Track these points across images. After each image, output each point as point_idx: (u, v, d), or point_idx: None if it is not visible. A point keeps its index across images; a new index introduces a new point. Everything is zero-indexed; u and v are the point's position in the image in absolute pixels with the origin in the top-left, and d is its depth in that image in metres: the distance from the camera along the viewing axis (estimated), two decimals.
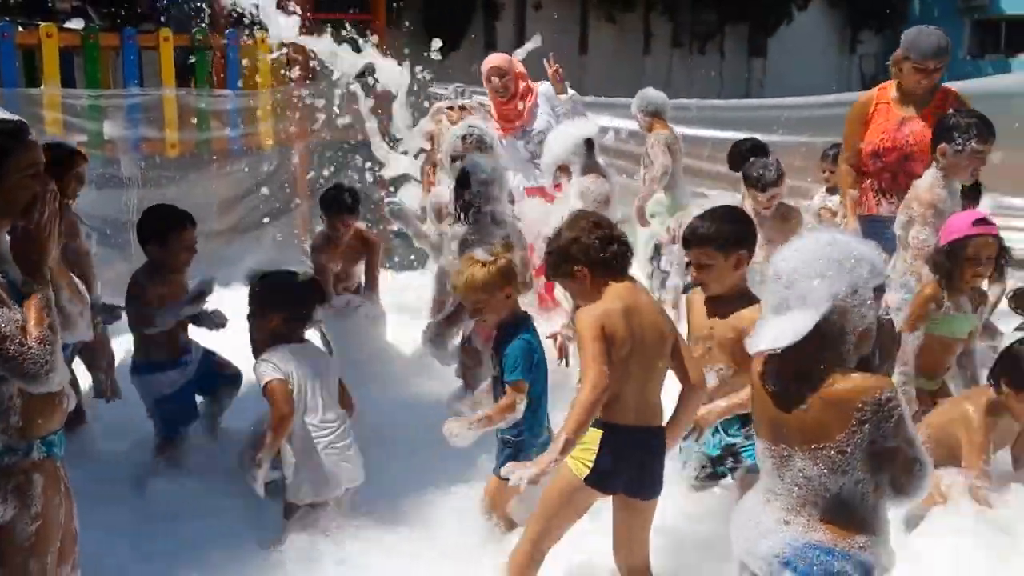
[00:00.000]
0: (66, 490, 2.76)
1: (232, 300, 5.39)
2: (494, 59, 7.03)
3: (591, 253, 3.28)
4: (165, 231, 4.66)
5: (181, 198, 8.02)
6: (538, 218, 5.64)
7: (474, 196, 4.97)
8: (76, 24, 8.08)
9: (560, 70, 7.05)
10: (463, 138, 5.47)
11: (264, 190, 8.74)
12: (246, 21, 7.98)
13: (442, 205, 5.81)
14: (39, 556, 2.63)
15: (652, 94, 7.62)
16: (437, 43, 6.92)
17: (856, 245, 2.51)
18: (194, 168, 8.39)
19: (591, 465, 3.24)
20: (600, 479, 3.26)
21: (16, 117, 2.59)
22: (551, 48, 7.29)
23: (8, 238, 2.58)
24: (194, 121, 8.31)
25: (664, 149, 7.29)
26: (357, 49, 6.18)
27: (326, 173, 8.60)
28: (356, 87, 6.86)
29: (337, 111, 7.49)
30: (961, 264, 4.32)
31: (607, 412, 3.21)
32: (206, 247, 7.90)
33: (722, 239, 3.63)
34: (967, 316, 4.47)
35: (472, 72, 12.22)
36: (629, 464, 3.27)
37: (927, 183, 4.72)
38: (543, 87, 7.04)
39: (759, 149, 6.57)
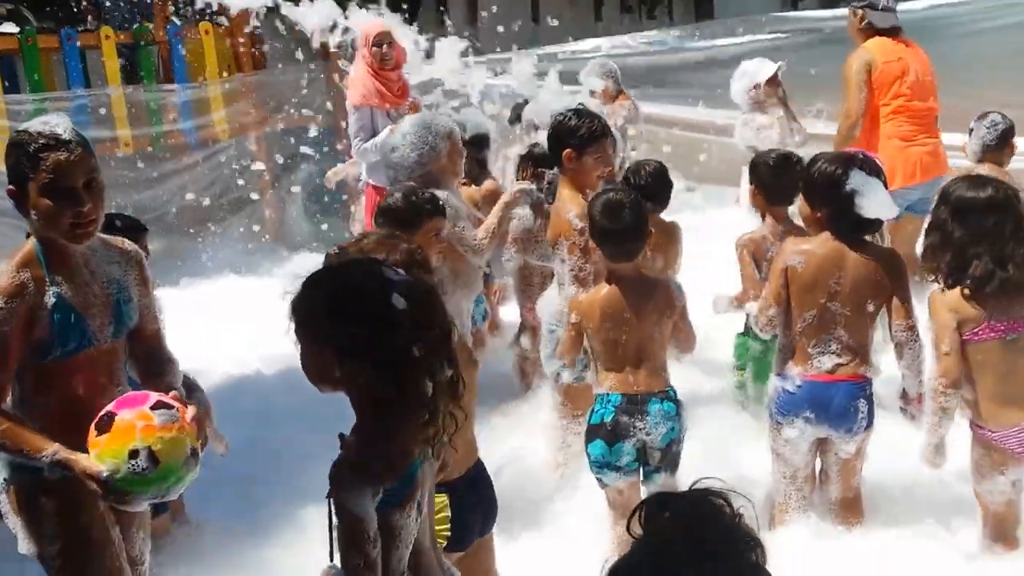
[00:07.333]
0: None
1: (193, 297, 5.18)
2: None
3: None
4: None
5: (144, 196, 7.84)
6: None
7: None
8: (11, 28, 7.84)
9: None
10: None
11: (224, 183, 8.51)
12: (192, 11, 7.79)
13: None
14: None
15: (612, 65, 7.39)
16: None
17: None
18: (151, 165, 8.14)
19: None
20: None
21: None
22: (505, 20, 7.09)
23: None
24: (145, 118, 8.08)
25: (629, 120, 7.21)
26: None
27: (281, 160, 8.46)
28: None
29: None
30: None
31: None
32: (172, 244, 7.75)
33: None
34: None
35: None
36: None
37: None
38: None
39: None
